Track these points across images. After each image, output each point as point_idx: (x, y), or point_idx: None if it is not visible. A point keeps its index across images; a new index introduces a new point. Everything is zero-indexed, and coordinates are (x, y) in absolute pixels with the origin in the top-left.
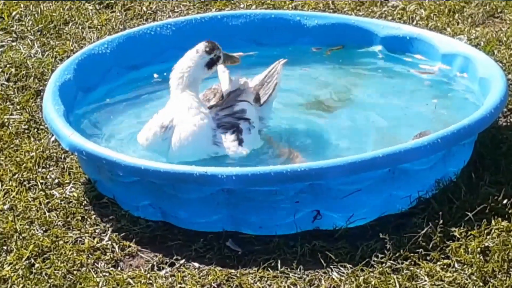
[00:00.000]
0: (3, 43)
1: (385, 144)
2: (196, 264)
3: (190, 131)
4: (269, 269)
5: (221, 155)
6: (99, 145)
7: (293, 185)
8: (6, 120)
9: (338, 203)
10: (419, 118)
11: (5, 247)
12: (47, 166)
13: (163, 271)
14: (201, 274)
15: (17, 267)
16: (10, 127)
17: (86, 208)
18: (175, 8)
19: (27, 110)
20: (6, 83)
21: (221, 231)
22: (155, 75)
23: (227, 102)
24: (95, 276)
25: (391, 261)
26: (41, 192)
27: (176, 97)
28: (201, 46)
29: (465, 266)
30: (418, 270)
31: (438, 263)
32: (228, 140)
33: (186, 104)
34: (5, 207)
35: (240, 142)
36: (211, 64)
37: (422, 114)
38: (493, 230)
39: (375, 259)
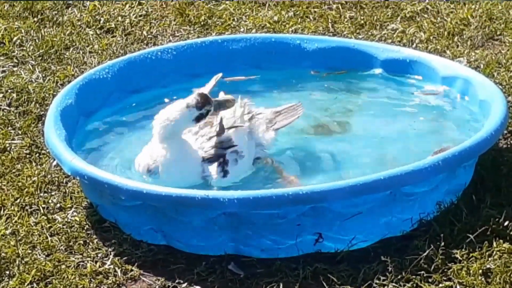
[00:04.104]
0: (5, 69)
1: (387, 166)
2: None
3: (177, 169)
4: None
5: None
6: (100, 169)
7: (294, 208)
8: (7, 145)
9: (340, 226)
10: (420, 141)
11: (7, 272)
12: (49, 190)
13: None
14: None
15: None
16: (11, 152)
17: (88, 232)
18: (175, 32)
19: (29, 135)
20: (7, 108)
21: (223, 254)
22: (166, 100)
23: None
24: None
25: (393, 284)
26: (43, 216)
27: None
28: (193, 100)
29: None
30: None
31: (440, 285)
32: (213, 172)
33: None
34: (7, 232)
35: (225, 174)
36: (199, 118)
37: (423, 136)
38: (494, 252)
39: (377, 281)
